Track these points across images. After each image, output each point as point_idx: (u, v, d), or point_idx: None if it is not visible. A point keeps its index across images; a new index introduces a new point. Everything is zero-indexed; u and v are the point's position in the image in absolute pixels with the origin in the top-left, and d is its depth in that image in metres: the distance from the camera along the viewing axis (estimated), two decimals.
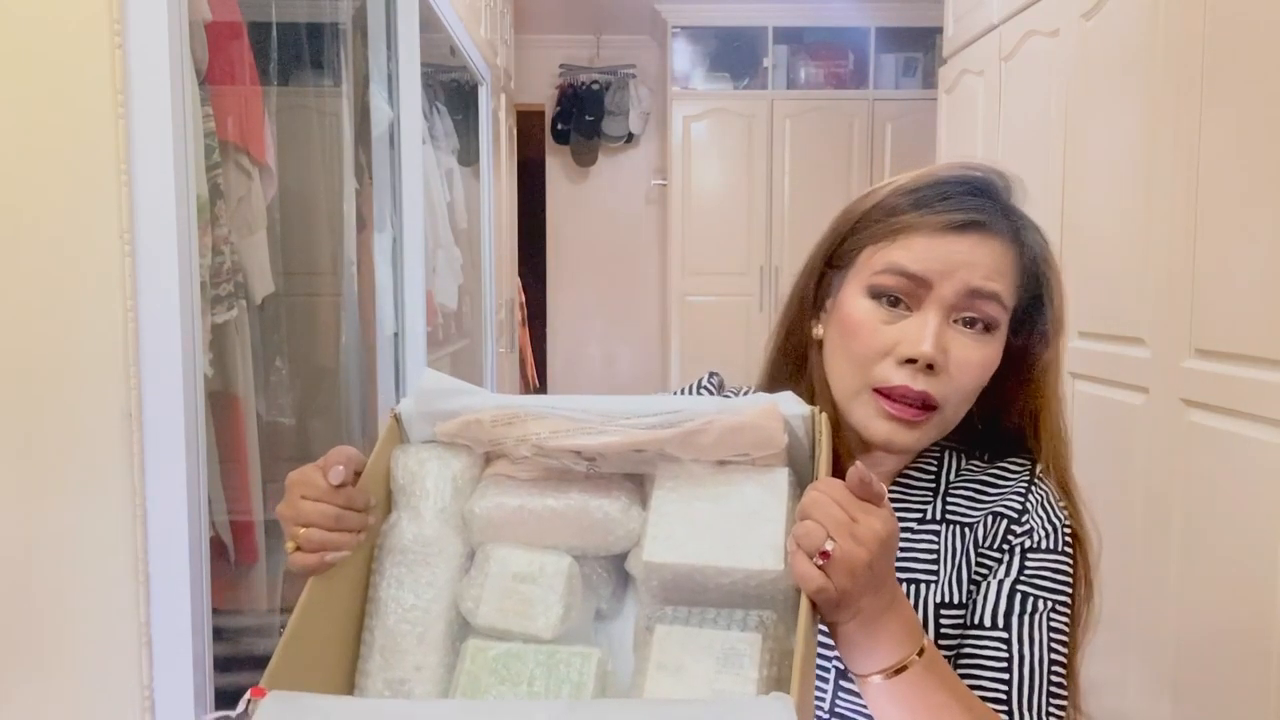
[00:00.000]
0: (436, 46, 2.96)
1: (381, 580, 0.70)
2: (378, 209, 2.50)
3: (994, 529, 0.84)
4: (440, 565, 0.70)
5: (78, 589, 1.27)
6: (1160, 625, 1.85)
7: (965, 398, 0.83)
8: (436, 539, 0.71)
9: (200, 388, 1.36)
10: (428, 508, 0.72)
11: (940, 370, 0.80)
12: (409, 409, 0.75)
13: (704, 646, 0.63)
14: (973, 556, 0.84)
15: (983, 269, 0.81)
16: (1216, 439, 1.69)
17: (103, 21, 1.23)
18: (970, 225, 0.81)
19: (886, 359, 0.81)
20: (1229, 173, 1.66)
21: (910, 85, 4.82)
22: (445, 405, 0.73)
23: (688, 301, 4.90)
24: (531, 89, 5.25)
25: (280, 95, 2.12)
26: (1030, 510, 0.84)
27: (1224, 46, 1.69)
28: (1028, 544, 0.82)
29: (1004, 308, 0.82)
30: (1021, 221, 0.85)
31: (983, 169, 0.87)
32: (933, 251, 0.81)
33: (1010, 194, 0.86)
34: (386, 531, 0.72)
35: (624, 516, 0.69)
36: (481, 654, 0.68)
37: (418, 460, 0.74)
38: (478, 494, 0.73)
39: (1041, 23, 2.50)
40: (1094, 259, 2.19)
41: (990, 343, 0.82)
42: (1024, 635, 0.79)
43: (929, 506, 0.87)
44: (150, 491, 1.28)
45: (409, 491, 0.73)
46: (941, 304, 0.80)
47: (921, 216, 0.82)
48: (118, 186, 1.24)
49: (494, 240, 3.91)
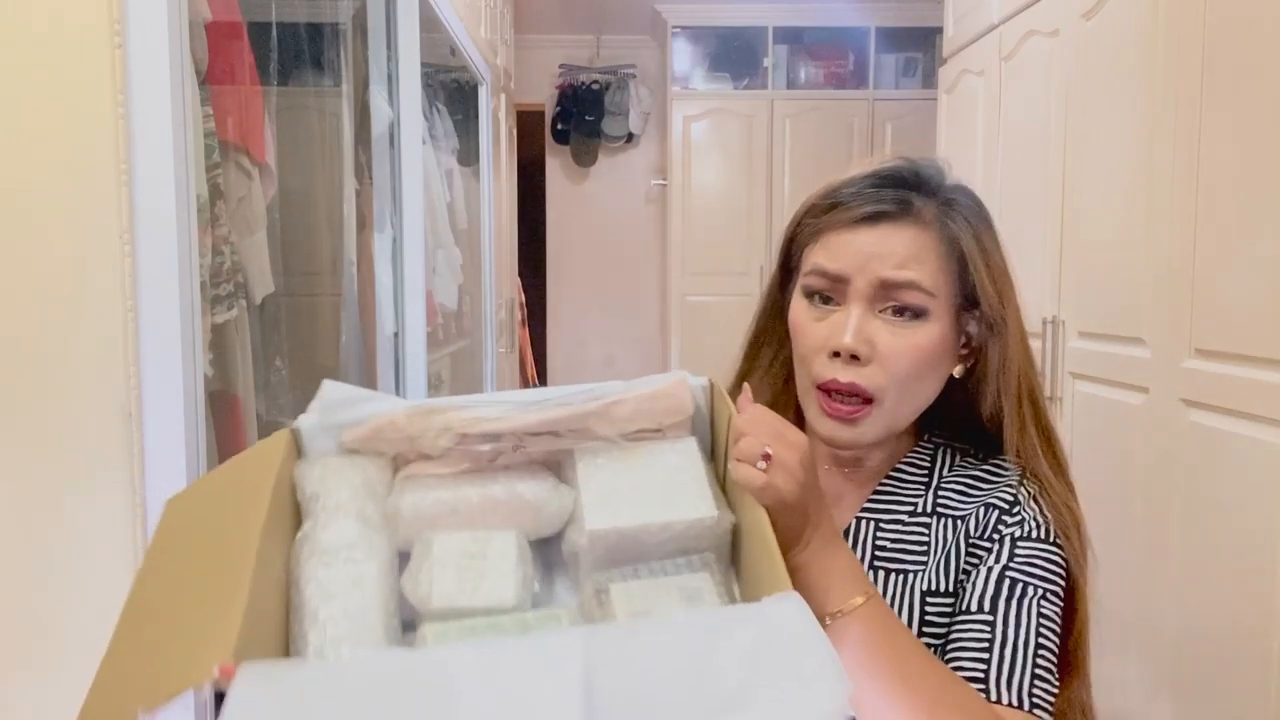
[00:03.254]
0: (436, 46, 2.95)
1: (306, 588, 0.65)
2: (378, 209, 2.49)
3: (986, 519, 0.85)
4: (368, 565, 0.66)
5: (77, 589, 1.27)
6: (1160, 625, 1.85)
7: (904, 386, 0.84)
8: (361, 540, 0.67)
9: (200, 388, 1.36)
10: (345, 512, 0.68)
11: (868, 361, 0.82)
12: (309, 424, 0.73)
13: (664, 592, 0.66)
14: (963, 547, 0.84)
15: (894, 258, 0.82)
16: (1216, 439, 1.69)
17: (103, 21, 1.23)
18: (878, 216, 0.84)
19: (820, 354, 0.84)
20: (1229, 173, 1.66)
21: (910, 85, 4.82)
22: (351, 414, 0.72)
23: (688, 301, 4.90)
24: (531, 89, 5.26)
25: (280, 95, 2.12)
26: (1022, 503, 0.84)
27: (1224, 46, 1.69)
28: (1018, 533, 0.83)
29: (926, 292, 0.83)
30: (944, 204, 0.85)
31: (898, 160, 0.88)
32: (846, 247, 0.84)
33: (926, 180, 0.86)
34: (301, 541, 0.67)
35: (553, 495, 0.70)
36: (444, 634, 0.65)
37: (325, 469, 0.70)
38: (398, 492, 0.70)
39: (1041, 23, 2.50)
40: (1094, 259, 2.19)
41: (919, 328, 0.83)
42: (1009, 618, 0.79)
43: (920, 500, 0.88)
44: (150, 491, 1.28)
45: (321, 499, 0.69)
46: (861, 296, 0.83)
47: (835, 214, 0.85)
48: (118, 186, 1.24)
49: (494, 240, 3.91)
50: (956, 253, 0.84)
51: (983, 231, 0.86)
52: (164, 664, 0.59)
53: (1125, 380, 2.02)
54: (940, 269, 0.84)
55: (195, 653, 0.57)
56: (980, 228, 0.86)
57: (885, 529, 0.88)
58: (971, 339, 0.87)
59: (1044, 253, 2.41)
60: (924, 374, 0.84)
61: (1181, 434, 1.79)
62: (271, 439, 0.72)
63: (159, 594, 0.66)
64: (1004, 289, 0.85)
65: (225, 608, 0.58)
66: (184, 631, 0.61)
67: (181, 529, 0.72)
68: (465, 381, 3.66)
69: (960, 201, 0.86)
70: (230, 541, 0.64)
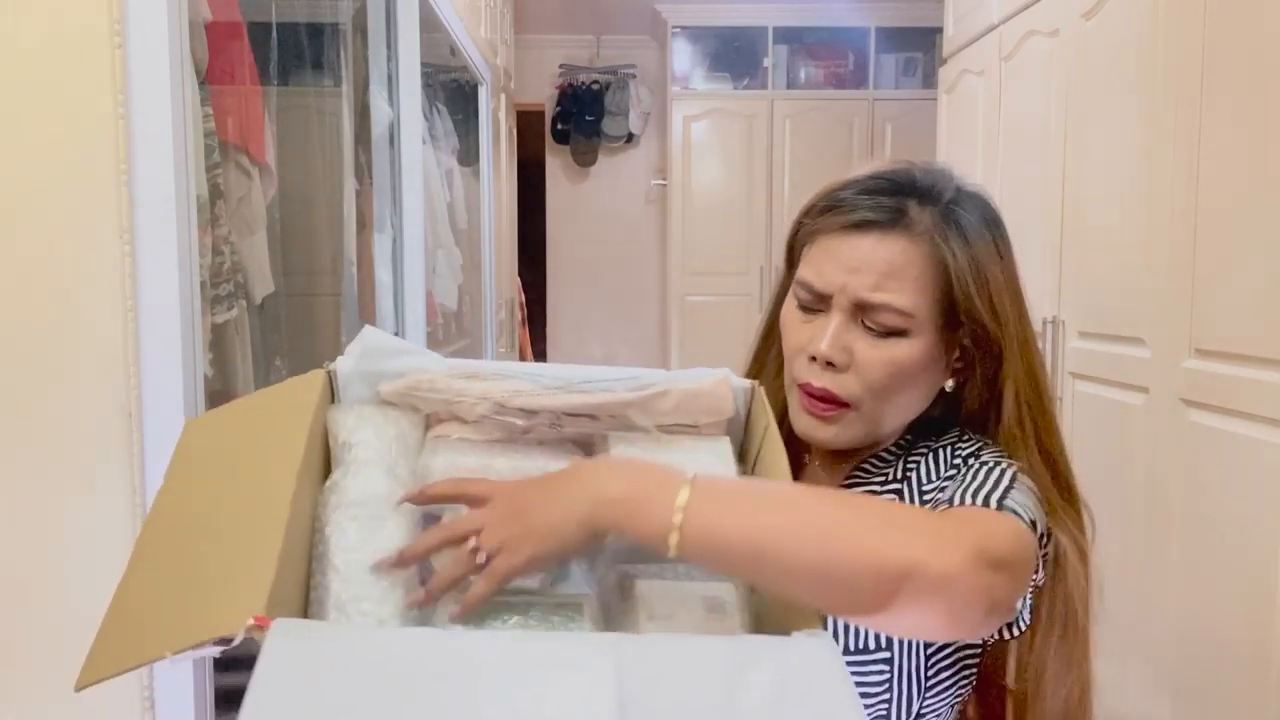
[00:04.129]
0: (436, 46, 2.95)
1: (332, 538, 0.64)
2: (378, 209, 2.49)
3: (942, 456, 0.87)
4: (393, 522, 0.65)
5: (77, 589, 1.27)
6: (1160, 625, 1.85)
7: (880, 396, 0.83)
8: (389, 495, 0.66)
9: (200, 387, 1.36)
10: (375, 464, 0.67)
11: (844, 368, 0.83)
12: (346, 368, 0.72)
13: (686, 598, 0.65)
14: (928, 488, 0.86)
15: (872, 276, 0.81)
16: (1216, 439, 1.69)
17: (103, 21, 1.23)
18: (868, 225, 0.83)
19: (801, 356, 0.85)
20: (1229, 173, 1.66)
21: (910, 85, 4.82)
22: (390, 365, 0.71)
23: (688, 301, 4.90)
24: (531, 89, 5.25)
25: (280, 95, 2.12)
26: (985, 450, 0.85)
27: (1224, 46, 1.69)
28: (982, 457, 0.83)
29: (901, 313, 0.81)
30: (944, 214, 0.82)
31: (900, 164, 0.87)
32: (833, 258, 0.84)
33: (926, 187, 0.84)
34: (330, 489, 0.66)
35: None
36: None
37: (360, 418, 0.69)
38: (429, 451, 0.69)
39: (1041, 23, 2.50)
40: (1094, 259, 2.19)
41: (898, 344, 0.82)
42: (995, 477, 0.78)
43: (890, 469, 0.90)
44: (150, 491, 1.28)
45: (352, 448, 0.68)
46: (841, 309, 0.83)
47: (829, 218, 0.85)
48: (118, 186, 1.24)
49: (494, 240, 3.91)
50: (942, 272, 0.82)
51: (981, 248, 0.82)
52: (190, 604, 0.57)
53: (1125, 380, 2.02)
54: (920, 289, 0.81)
55: (226, 597, 0.55)
56: (979, 244, 0.82)
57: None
58: (966, 351, 0.85)
59: (1044, 253, 2.41)
60: (903, 386, 0.84)
61: (1181, 434, 1.79)
62: (306, 377, 0.71)
63: (181, 523, 0.65)
64: (1002, 305, 0.82)
65: (259, 553, 0.57)
66: (212, 571, 0.59)
67: (206, 457, 0.71)
68: None
69: (962, 214, 0.83)
70: (264, 481, 0.63)
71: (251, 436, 0.70)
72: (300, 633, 0.54)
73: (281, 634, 0.52)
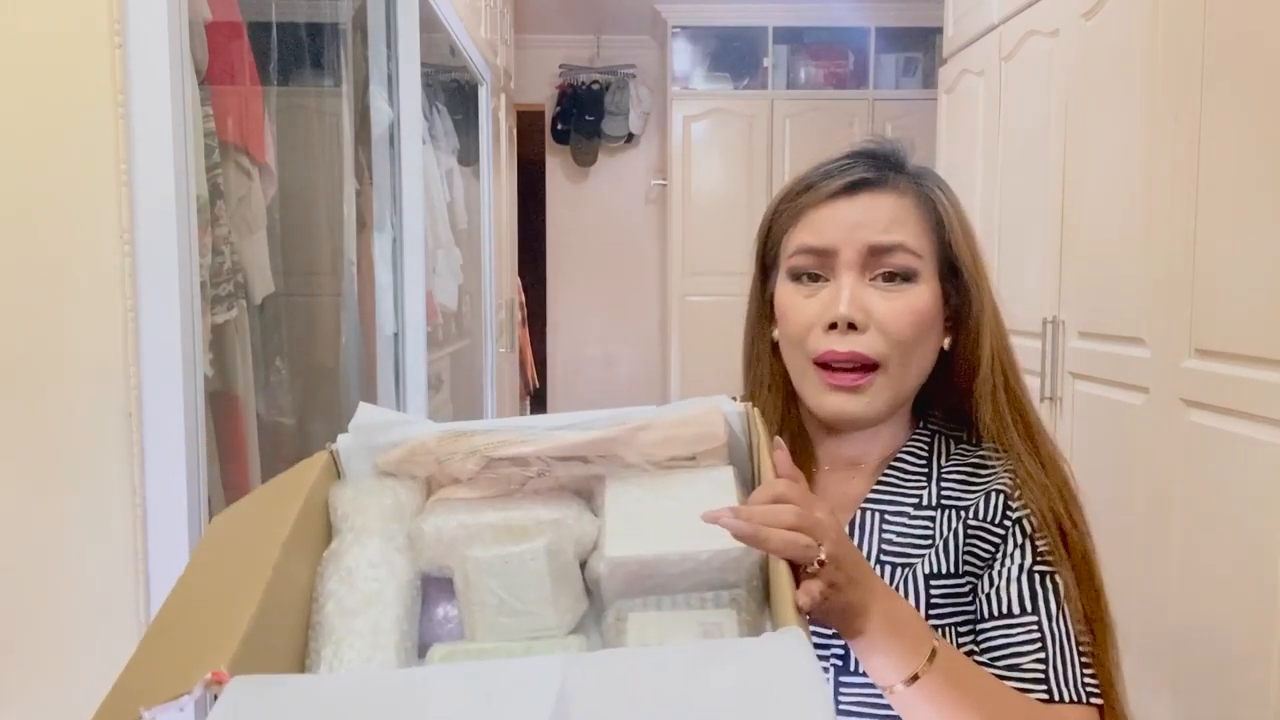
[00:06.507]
0: (436, 46, 2.95)
1: (325, 605, 0.67)
2: (378, 209, 2.50)
3: (994, 504, 0.85)
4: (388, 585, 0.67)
5: (78, 589, 1.27)
6: (1160, 625, 1.85)
7: (905, 350, 0.84)
8: (383, 560, 0.68)
9: (200, 387, 1.36)
10: (372, 532, 0.69)
11: (865, 328, 0.83)
12: (347, 445, 0.74)
13: (682, 625, 0.64)
14: (963, 532, 0.85)
15: (879, 223, 0.84)
16: (1216, 439, 1.69)
17: (103, 21, 1.23)
18: (858, 185, 0.85)
19: (814, 329, 0.84)
20: (1229, 173, 1.66)
21: (910, 85, 4.82)
22: (385, 437, 0.73)
23: (688, 301, 4.90)
24: (531, 89, 5.26)
25: (280, 95, 2.12)
26: (1023, 486, 0.85)
27: (1224, 46, 1.69)
28: (1027, 528, 0.83)
29: (914, 253, 0.84)
30: (914, 175, 0.88)
31: (866, 139, 0.91)
32: (830, 220, 0.85)
33: (895, 155, 0.89)
34: (327, 559, 0.69)
35: (578, 522, 0.69)
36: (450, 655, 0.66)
37: (358, 490, 0.72)
38: (425, 514, 0.71)
39: (1041, 23, 2.50)
40: (1094, 259, 2.19)
41: (911, 291, 0.84)
42: (1051, 614, 0.81)
43: (924, 492, 0.88)
44: (150, 491, 1.28)
45: (350, 519, 0.71)
46: (850, 266, 0.84)
47: (812, 193, 0.87)
48: (118, 186, 1.24)
49: (494, 240, 3.91)
50: (934, 215, 0.86)
51: (954, 200, 0.88)
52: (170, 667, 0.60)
53: (1125, 380, 2.02)
54: (923, 231, 0.85)
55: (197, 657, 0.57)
56: (951, 196, 0.88)
57: (891, 522, 0.87)
58: (952, 309, 0.88)
59: (1044, 253, 2.41)
60: (922, 337, 0.85)
61: (1181, 434, 1.79)
62: (311, 459, 0.74)
63: (184, 603, 0.68)
64: (975, 251, 0.88)
65: (233, 616, 0.59)
66: (194, 637, 0.62)
67: (217, 543, 0.73)
68: (465, 382, 3.66)
69: (928, 174, 0.89)
70: (252, 554, 0.65)
71: (254, 518, 0.73)
72: (256, 684, 0.54)
73: (238, 687, 0.53)
